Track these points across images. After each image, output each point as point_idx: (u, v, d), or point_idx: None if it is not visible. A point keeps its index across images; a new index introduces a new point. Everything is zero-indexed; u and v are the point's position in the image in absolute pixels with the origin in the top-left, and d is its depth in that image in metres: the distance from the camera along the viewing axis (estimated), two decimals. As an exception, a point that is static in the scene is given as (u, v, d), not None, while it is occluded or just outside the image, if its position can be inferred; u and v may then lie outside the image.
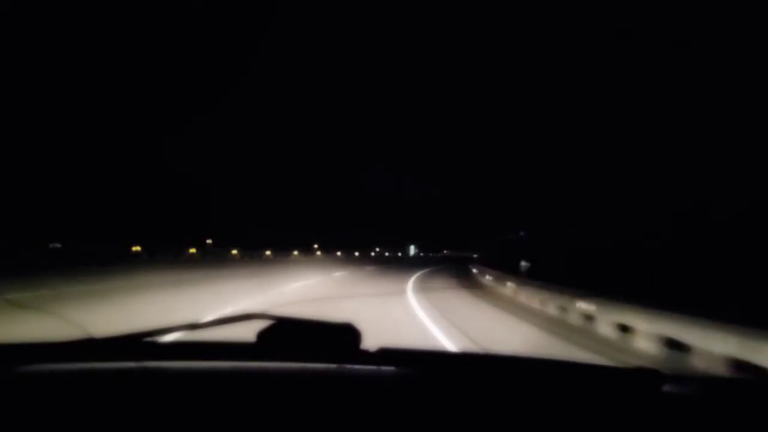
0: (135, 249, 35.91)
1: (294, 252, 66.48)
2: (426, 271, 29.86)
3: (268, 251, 56.89)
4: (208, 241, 52.10)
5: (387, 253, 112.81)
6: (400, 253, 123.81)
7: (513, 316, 9.58)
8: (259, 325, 1.04)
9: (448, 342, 6.62)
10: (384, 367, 1.06)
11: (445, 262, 60.12)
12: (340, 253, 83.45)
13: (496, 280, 15.33)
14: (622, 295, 7.28)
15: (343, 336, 1.06)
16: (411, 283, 18.67)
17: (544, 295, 9.95)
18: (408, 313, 9.60)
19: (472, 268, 25.81)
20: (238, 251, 49.52)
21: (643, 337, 5.91)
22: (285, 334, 1.05)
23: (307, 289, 14.72)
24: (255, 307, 9.30)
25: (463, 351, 5.19)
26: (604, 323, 7.03)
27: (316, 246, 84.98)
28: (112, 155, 76.71)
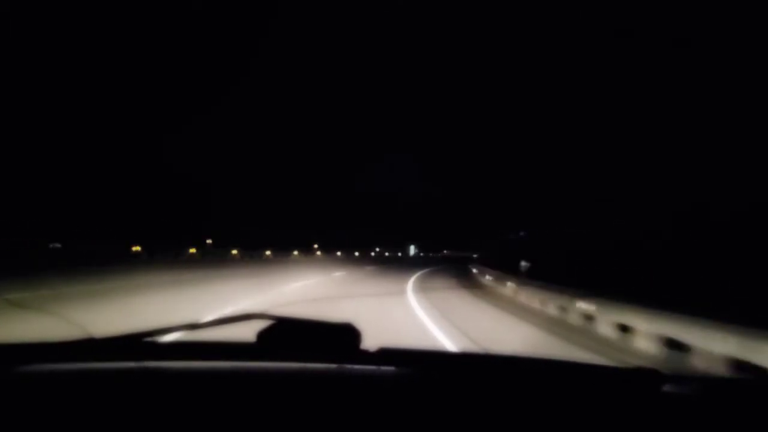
0: (135, 249, 35.85)
1: (294, 252, 66.40)
2: (426, 271, 29.81)
3: (268, 251, 56.78)
4: (208, 241, 52.02)
5: (387, 253, 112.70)
6: (400, 253, 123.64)
7: (513, 317, 9.56)
8: (259, 325, 1.04)
9: (448, 342, 6.60)
10: (384, 367, 1.06)
11: (445, 262, 60.09)
12: (340, 253, 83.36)
13: (496, 280, 15.32)
14: (622, 295, 7.28)
15: (343, 336, 1.06)
16: (411, 283, 18.61)
17: (544, 295, 9.95)
18: (408, 314, 9.57)
19: (472, 268, 25.79)
20: (238, 251, 49.43)
21: (644, 337, 5.91)
22: (285, 334, 1.05)
23: (306, 290, 14.68)
24: (254, 307, 9.29)
25: (463, 351, 5.15)
26: (604, 323, 7.03)
27: (316, 246, 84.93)
28: (112, 155, 76.87)
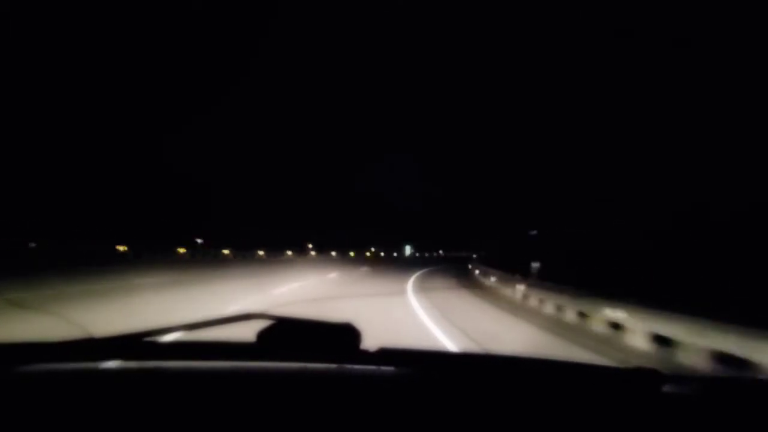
0: (121, 249, 35.00)
1: (287, 252, 65.42)
2: (425, 271, 29.66)
3: (261, 251, 55.82)
4: (199, 241, 50.96)
5: (382, 254, 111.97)
6: (395, 254, 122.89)
7: (531, 324, 8.86)
8: (259, 325, 1.02)
9: (449, 342, 6.42)
10: (384, 367, 1.06)
11: (443, 262, 59.85)
12: (334, 253, 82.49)
13: (502, 282, 14.59)
14: (654, 300, 6.54)
15: (343, 336, 1.03)
16: (410, 284, 18.23)
17: (560, 299, 9.20)
18: (408, 313, 9.11)
19: (474, 269, 25.06)
20: (230, 251, 48.34)
21: (691, 351, 5.13)
22: (285, 334, 1.03)
23: (301, 292, 14.05)
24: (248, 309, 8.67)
25: (463, 351, 5.11)
26: (637, 334, 6.26)
27: (311, 246, 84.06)
28: (110, 155, 75.53)
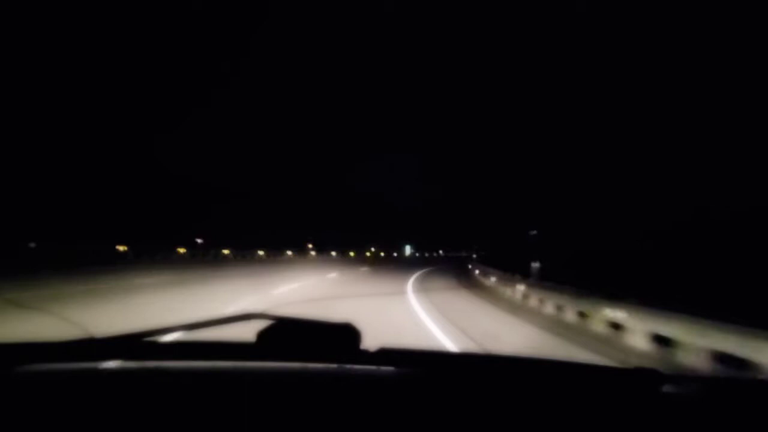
0: (121, 248, 34.87)
1: (287, 252, 65.29)
2: (425, 271, 29.74)
3: (261, 251, 55.68)
4: (199, 241, 50.76)
5: (382, 254, 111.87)
6: (395, 254, 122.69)
7: (532, 325, 8.84)
8: (259, 324, 1.02)
9: (449, 343, 6.40)
10: (384, 367, 1.06)
11: (443, 262, 59.70)
12: (334, 253, 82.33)
13: (502, 282, 14.55)
14: (655, 300, 6.51)
15: (343, 336, 1.02)
16: (410, 284, 18.28)
17: (562, 299, 9.17)
18: (408, 311, 8.95)
19: (474, 269, 25.03)
20: (230, 251, 48.14)
21: (692, 352, 5.10)
22: (285, 334, 1.02)
23: (301, 292, 14.01)
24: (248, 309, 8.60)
25: (463, 351, 5.05)
26: (637, 334, 6.23)
27: (311, 246, 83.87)
28: (109, 155, 75.40)
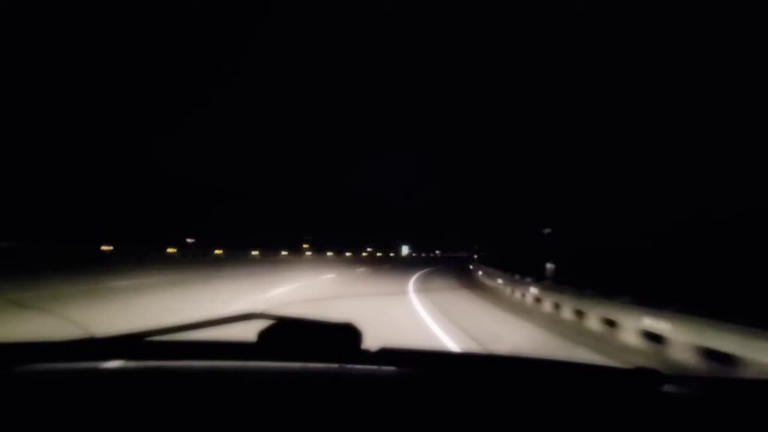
0: (106, 248, 33.94)
1: (283, 252, 64.19)
2: (425, 272, 29.32)
3: (255, 251, 54.55)
4: (190, 241, 49.60)
5: (379, 254, 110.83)
6: (392, 254, 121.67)
7: (563, 338, 7.98)
8: (260, 324, 1.01)
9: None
10: (385, 367, 1.06)
11: (443, 262, 58.78)
12: (331, 253, 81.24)
13: (510, 285, 13.68)
14: (700, 308, 5.63)
15: (344, 336, 1.02)
16: (411, 284, 17.60)
17: (584, 304, 8.30)
18: (410, 313, 8.28)
19: (476, 271, 24.12)
20: (222, 251, 46.93)
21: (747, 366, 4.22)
22: (286, 334, 1.02)
23: (300, 292, 13.21)
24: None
25: (464, 351, 5.03)
26: (682, 348, 5.36)
27: (306, 246, 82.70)
28: (101, 155, 74.30)
